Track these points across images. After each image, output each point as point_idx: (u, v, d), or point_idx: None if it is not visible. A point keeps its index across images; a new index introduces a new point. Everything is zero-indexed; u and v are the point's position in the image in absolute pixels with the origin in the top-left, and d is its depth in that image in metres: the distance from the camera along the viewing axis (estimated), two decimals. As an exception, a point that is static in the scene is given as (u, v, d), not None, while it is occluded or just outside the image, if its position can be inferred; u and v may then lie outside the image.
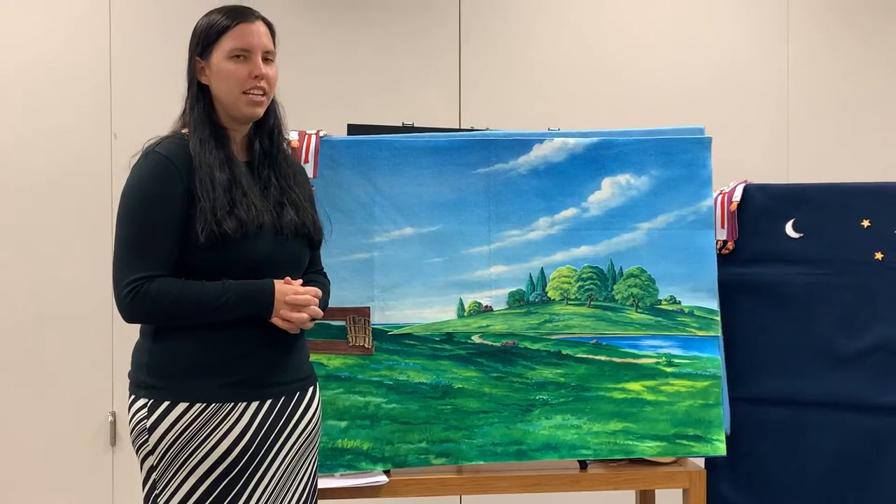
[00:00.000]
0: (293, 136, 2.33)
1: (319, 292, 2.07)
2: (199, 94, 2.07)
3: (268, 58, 2.08)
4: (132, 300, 1.94)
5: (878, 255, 2.52)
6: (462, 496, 3.73)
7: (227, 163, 2.02)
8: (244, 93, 2.04)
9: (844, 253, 2.53)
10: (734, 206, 2.57)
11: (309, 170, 2.34)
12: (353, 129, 2.77)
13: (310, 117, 3.74)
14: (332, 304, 2.37)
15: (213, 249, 1.96)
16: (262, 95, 2.06)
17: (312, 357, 2.38)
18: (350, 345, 2.40)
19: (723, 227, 2.56)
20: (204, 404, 1.97)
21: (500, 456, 2.41)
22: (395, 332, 2.42)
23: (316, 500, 2.19)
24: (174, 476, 1.97)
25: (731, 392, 2.53)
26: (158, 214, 1.96)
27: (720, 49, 4.07)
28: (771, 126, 4.07)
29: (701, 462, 2.54)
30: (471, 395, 2.42)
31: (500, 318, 2.44)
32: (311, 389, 2.14)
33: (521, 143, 2.44)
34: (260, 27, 2.08)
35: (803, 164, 4.03)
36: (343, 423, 2.38)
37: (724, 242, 2.57)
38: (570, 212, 2.45)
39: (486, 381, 2.42)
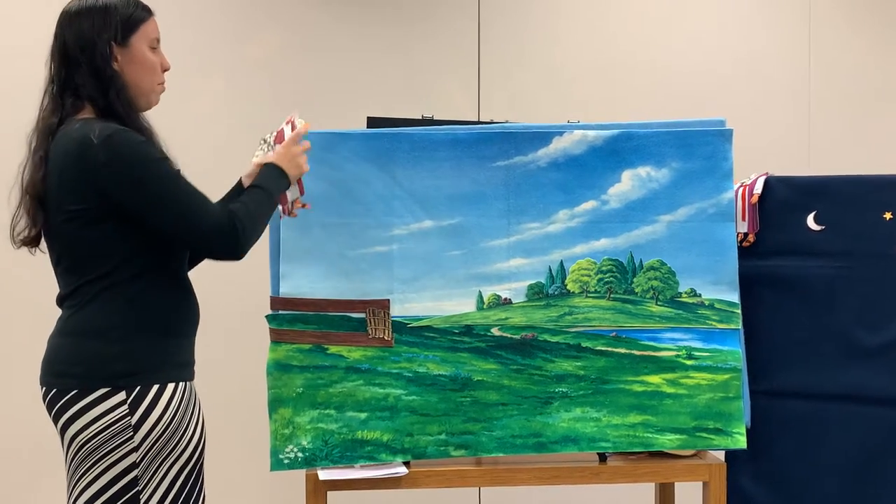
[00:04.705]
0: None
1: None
2: (122, 82, 2.01)
3: None
4: (238, 227, 1.96)
5: (901, 248, 2.50)
6: (481, 488, 3.74)
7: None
8: (157, 83, 2.08)
9: (866, 245, 2.52)
10: (755, 199, 2.56)
11: None
12: (373, 122, 2.77)
13: (330, 111, 3.77)
14: (352, 295, 2.39)
15: None
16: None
17: (333, 349, 2.40)
18: (370, 337, 2.41)
19: (744, 219, 2.55)
20: (184, 384, 2.01)
21: (519, 448, 2.41)
22: (415, 324, 2.42)
23: None
24: (159, 468, 1.97)
25: (752, 385, 2.52)
26: (178, 170, 2.00)
27: (740, 39, 4.04)
28: (792, 117, 4.04)
29: (721, 455, 2.53)
30: (490, 388, 2.42)
31: (519, 310, 2.44)
32: None
33: (541, 136, 2.44)
34: None
35: (824, 156, 4.00)
36: (363, 415, 2.39)
37: (745, 235, 2.56)
38: (589, 204, 2.44)
39: (506, 374, 2.43)
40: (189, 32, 3.66)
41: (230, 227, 1.96)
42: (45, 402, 2.00)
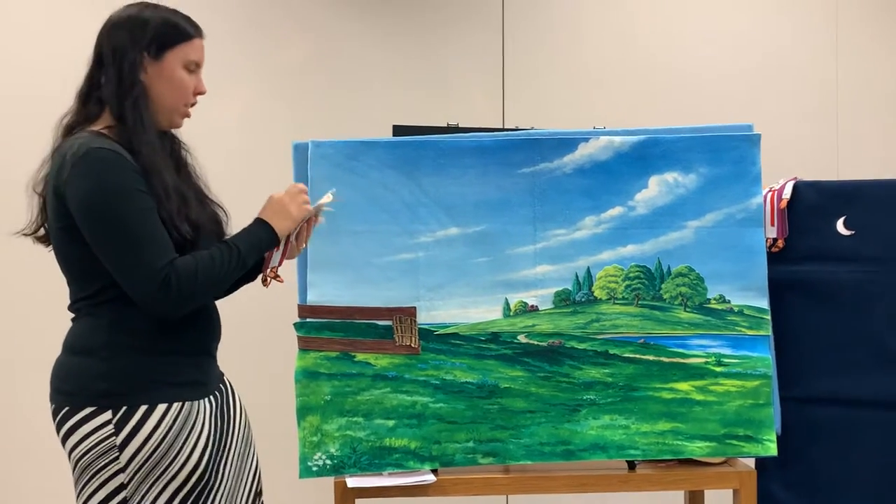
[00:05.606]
0: None
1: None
2: (144, 92, 1.97)
3: None
4: (172, 286, 1.87)
5: (933, 253, 2.47)
6: (509, 496, 3.73)
7: (170, 167, 2.00)
8: (185, 105, 2.04)
9: (896, 250, 2.49)
10: (784, 204, 2.53)
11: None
12: (399, 129, 2.78)
13: (355, 119, 3.79)
14: (378, 303, 2.39)
15: None
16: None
17: (360, 356, 2.40)
18: (397, 344, 2.41)
19: (772, 224, 2.53)
20: (179, 404, 1.95)
21: (547, 456, 2.40)
22: (442, 331, 2.42)
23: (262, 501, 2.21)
24: (150, 490, 1.93)
25: (782, 391, 2.49)
26: (146, 204, 1.89)
27: (767, 43, 4.02)
28: (820, 121, 4.01)
29: (751, 462, 2.51)
30: (517, 395, 2.41)
31: (546, 317, 2.44)
32: (226, 380, 2.18)
33: (566, 142, 2.43)
34: None
35: (853, 160, 3.97)
36: (391, 423, 2.39)
37: (774, 240, 2.54)
38: (616, 210, 2.44)
39: (533, 381, 2.42)
40: (217, 41, 3.69)
41: (161, 284, 1.86)
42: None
